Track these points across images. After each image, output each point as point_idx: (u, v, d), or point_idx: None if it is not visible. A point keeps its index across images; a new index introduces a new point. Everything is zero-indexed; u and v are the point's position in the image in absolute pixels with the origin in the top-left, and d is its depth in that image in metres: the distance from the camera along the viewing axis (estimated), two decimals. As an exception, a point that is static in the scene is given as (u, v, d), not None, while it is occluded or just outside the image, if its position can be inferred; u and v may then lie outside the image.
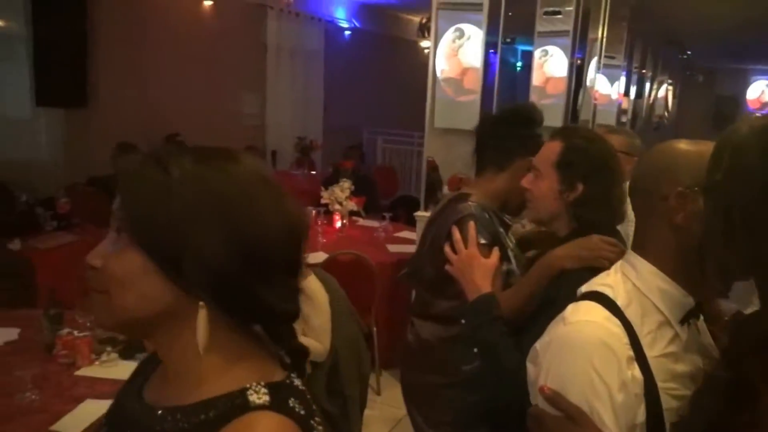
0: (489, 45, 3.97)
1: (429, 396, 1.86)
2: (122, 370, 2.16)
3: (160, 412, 0.72)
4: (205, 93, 6.90)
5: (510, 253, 1.79)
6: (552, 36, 5.33)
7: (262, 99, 8.03)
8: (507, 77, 8.71)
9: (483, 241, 1.65)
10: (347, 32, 9.46)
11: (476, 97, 3.94)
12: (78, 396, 1.97)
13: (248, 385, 0.69)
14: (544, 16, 5.33)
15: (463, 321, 1.52)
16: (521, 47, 11.29)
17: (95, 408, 1.90)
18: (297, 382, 0.74)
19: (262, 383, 0.70)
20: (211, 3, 6.92)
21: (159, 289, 0.70)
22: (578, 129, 1.76)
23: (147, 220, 0.69)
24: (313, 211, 4.24)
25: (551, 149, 1.57)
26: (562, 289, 1.33)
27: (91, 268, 0.72)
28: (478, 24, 3.87)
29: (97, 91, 5.64)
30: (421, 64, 11.16)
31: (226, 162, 0.73)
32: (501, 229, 1.81)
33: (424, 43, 11.18)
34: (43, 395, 1.95)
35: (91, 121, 5.63)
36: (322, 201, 4.24)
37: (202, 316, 0.69)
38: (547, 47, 5.37)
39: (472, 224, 1.64)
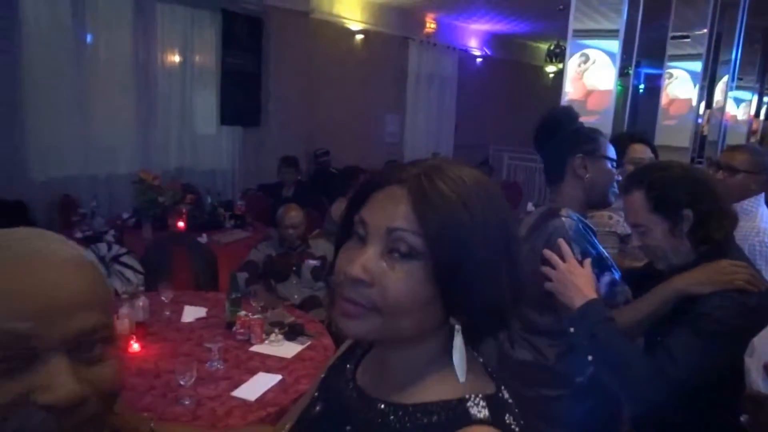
0: (621, 68, 3.76)
1: (539, 409, 1.71)
2: (287, 349, 2.28)
3: (381, 406, 0.66)
4: (353, 114, 7.16)
5: (612, 262, 1.62)
6: (683, 59, 5.02)
7: (402, 119, 8.19)
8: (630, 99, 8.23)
9: (578, 256, 1.47)
10: (479, 59, 9.38)
11: (597, 119, 3.75)
12: (252, 368, 2.11)
13: (467, 396, 0.63)
14: (672, 40, 5.04)
15: (572, 330, 1.36)
16: (644, 70, 10.63)
17: (267, 379, 2.02)
18: (506, 394, 0.66)
19: (480, 395, 0.63)
20: (362, 37, 7.17)
21: (432, 315, 0.61)
22: (643, 168, 1.54)
23: (450, 253, 0.59)
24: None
25: (636, 201, 1.41)
26: (707, 305, 1.27)
27: (356, 281, 0.61)
28: (610, 48, 3.70)
29: (268, 113, 6.04)
30: (546, 87, 10.89)
31: (485, 185, 0.64)
32: (593, 239, 1.62)
33: (550, 68, 10.82)
34: (226, 365, 2.11)
35: (262, 138, 6.03)
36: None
37: (459, 340, 0.62)
38: (671, 70, 5.08)
39: (561, 241, 1.46)
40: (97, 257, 2.60)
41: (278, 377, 2.04)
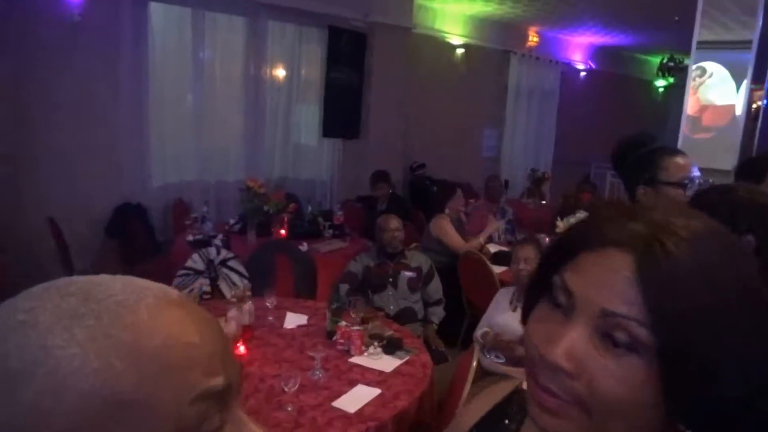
0: (753, 82, 3.47)
1: None
2: (385, 362, 2.27)
3: None
4: (451, 128, 7.12)
5: None
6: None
7: (500, 134, 8.04)
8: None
9: None
10: (582, 73, 9.04)
11: (714, 135, 3.47)
12: (352, 380, 2.11)
13: None
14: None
15: None
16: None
17: (366, 392, 2.01)
18: None
19: None
20: (463, 51, 7.13)
21: (651, 420, 0.47)
22: (706, 191, 1.38)
23: (688, 350, 0.44)
24: (547, 239, 4.08)
25: None
26: None
27: (557, 370, 0.47)
28: (734, 62, 3.42)
29: (368, 126, 6.14)
30: (655, 103, 10.29)
31: (720, 230, 0.49)
32: None
33: (659, 82, 10.22)
34: (326, 374, 2.12)
35: (361, 150, 6.14)
36: (557, 230, 4.06)
37: None
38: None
39: None
40: (207, 261, 2.72)
41: (377, 391, 2.03)
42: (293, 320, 2.65)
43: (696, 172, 1.75)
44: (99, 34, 4.35)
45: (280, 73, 5.63)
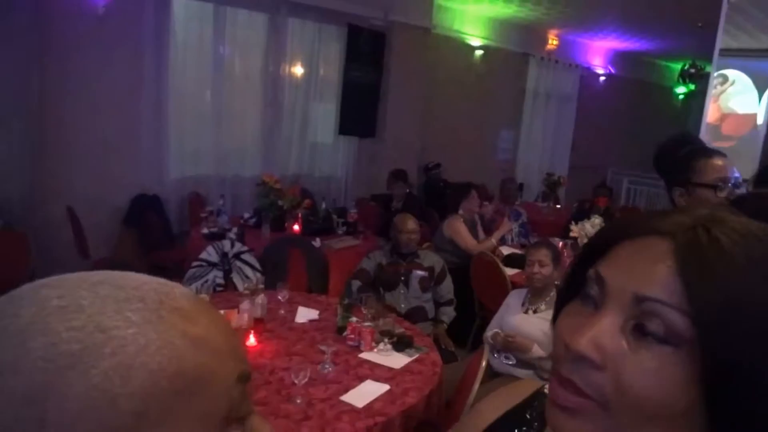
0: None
1: None
2: (395, 359, 2.27)
3: None
4: (467, 129, 7.11)
5: None
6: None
7: (516, 136, 8.01)
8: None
9: None
10: (602, 78, 8.97)
11: (735, 144, 3.42)
12: (362, 375, 2.12)
13: None
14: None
15: None
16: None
17: (375, 388, 2.02)
18: None
19: None
20: (481, 52, 7.11)
21: (687, 428, 0.42)
22: (743, 196, 1.37)
23: (734, 344, 0.39)
24: (560, 242, 4.06)
25: None
26: None
27: (581, 359, 0.43)
28: (756, 70, 3.37)
29: (384, 125, 6.15)
30: (674, 109, 10.17)
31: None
32: None
33: (680, 89, 10.11)
34: (336, 369, 2.14)
35: (377, 149, 6.15)
36: (571, 234, 4.04)
37: None
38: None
39: None
40: (221, 253, 2.75)
41: (386, 387, 2.04)
42: (304, 315, 2.67)
43: (734, 173, 1.71)
44: (122, 28, 4.41)
45: (298, 70, 5.66)
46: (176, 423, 0.35)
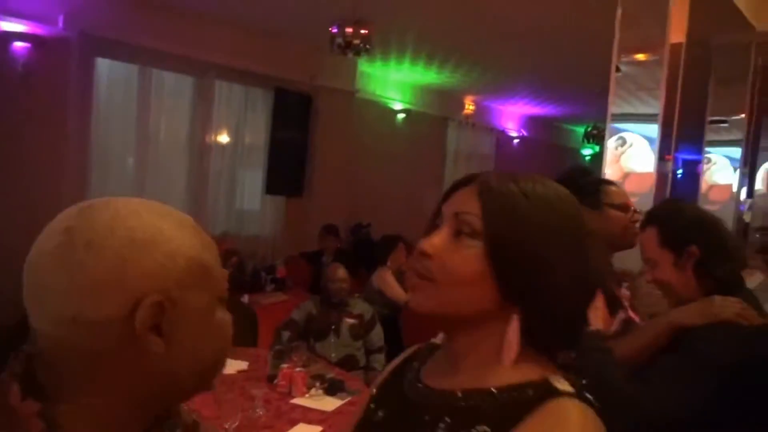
0: (660, 153, 3.79)
1: None
2: (328, 403, 2.29)
3: (459, 394, 0.69)
4: (394, 188, 7.34)
5: (625, 303, 1.67)
6: (720, 145, 5.03)
7: (439, 196, 8.32)
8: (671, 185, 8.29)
9: None
10: (516, 140, 9.61)
11: (636, 201, 3.76)
12: (293, 419, 2.11)
13: (548, 376, 0.67)
14: (710, 125, 5.06)
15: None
16: (682, 156, 10.68)
17: (306, 430, 2.02)
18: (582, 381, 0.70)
19: (560, 375, 0.68)
20: (404, 115, 7.49)
21: (486, 295, 0.67)
22: (658, 207, 1.62)
23: (505, 235, 0.66)
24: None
25: (649, 236, 1.48)
26: (692, 336, 1.29)
27: (422, 254, 0.69)
28: (649, 133, 3.76)
29: (312, 184, 6.27)
30: (583, 169, 10.95)
31: (560, 191, 0.71)
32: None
33: (586, 150, 10.97)
34: (267, 414, 2.12)
35: (305, 207, 6.22)
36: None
37: (513, 328, 0.66)
38: (710, 156, 5.07)
39: None
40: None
41: (318, 429, 2.04)
42: (233, 366, 2.63)
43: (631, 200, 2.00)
44: (44, 88, 4.34)
45: (225, 133, 5.71)
46: (198, 289, 0.57)
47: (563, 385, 0.66)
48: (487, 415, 0.65)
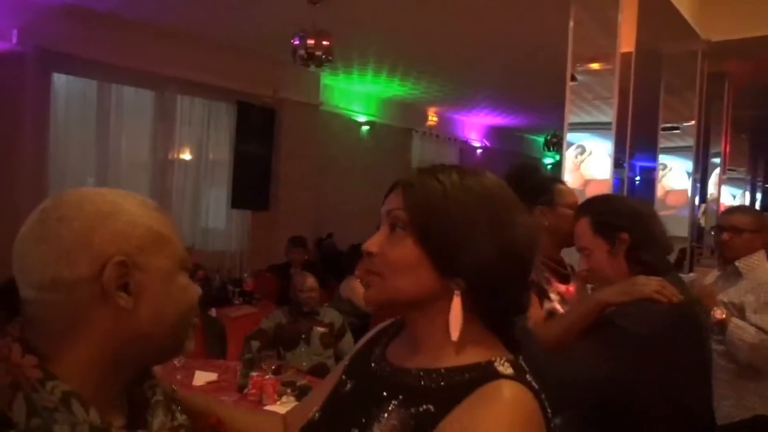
0: (615, 160, 3.93)
1: None
2: (299, 409, 2.28)
3: (415, 372, 0.76)
4: (359, 199, 7.38)
5: (552, 295, 1.77)
6: (674, 151, 5.21)
7: (406, 206, 8.41)
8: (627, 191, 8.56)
9: None
10: (479, 150, 9.80)
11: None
12: (265, 426, 2.11)
13: (494, 359, 0.74)
14: (662, 132, 5.23)
15: None
16: (638, 163, 11.05)
17: None
18: (524, 363, 0.78)
19: (504, 359, 0.74)
20: (368, 127, 7.56)
21: (427, 278, 0.75)
22: (590, 198, 1.72)
23: (428, 221, 0.74)
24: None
25: (583, 226, 1.56)
26: (614, 313, 1.38)
27: (367, 254, 0.78)
28: (604, 140, 3.90)
29: (278, 197, 6.26)
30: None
31: (480, 176, 0.80)
32: (546, 274, 1.80)
33: (547, 159, 11.24)
34: (238, 422, 2.11)
35: (271, 220, 6.20)
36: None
37: (456, 303, 0.74)
38: (665, 161, 5.26)
39: None
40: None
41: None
42: (203, 378, 2.61)
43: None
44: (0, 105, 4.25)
45: (188, 149, 5.66)
46: (159, 255, 0.66)
47: (504, 368, 0.73)
48: (434, 394, 0.73)
